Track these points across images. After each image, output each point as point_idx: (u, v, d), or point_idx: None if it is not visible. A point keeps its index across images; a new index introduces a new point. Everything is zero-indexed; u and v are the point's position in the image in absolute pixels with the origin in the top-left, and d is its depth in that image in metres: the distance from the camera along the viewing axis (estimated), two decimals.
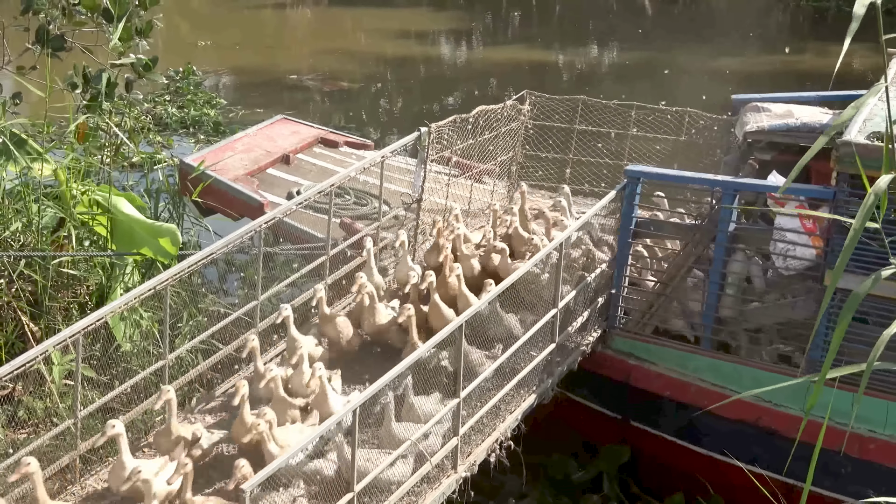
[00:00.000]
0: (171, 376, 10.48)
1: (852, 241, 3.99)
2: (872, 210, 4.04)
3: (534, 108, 15.21)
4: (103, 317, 9.57)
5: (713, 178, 12.29)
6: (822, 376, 4.12)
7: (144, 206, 14.84)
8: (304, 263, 12.59)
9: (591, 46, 38.10)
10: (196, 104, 25.99)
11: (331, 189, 12.23)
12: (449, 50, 37.91)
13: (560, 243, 11.08)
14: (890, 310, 9.38)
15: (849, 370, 4.26)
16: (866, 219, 3.96)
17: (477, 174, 14.53)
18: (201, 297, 13.51)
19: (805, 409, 11.24)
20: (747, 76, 29.77)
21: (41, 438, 9.29)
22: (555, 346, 11.29)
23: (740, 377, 11.62)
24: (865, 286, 4.01)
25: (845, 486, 10.99)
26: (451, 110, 25.36)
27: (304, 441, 8.32)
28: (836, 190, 10.80)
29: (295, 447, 8.23)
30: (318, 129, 18.73)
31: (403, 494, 9.27)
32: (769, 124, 13.29)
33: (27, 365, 8.85)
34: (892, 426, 10.97)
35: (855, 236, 3.98)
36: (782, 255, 11.65)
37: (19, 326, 12.51)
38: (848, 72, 30.70)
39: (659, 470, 12.45)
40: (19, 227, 13.34)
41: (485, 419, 10.37)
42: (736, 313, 12.01)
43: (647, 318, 12.37)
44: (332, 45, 35.50)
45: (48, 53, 14.96)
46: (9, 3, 15.06)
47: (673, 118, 15.00)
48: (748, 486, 8.42)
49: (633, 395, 12.39)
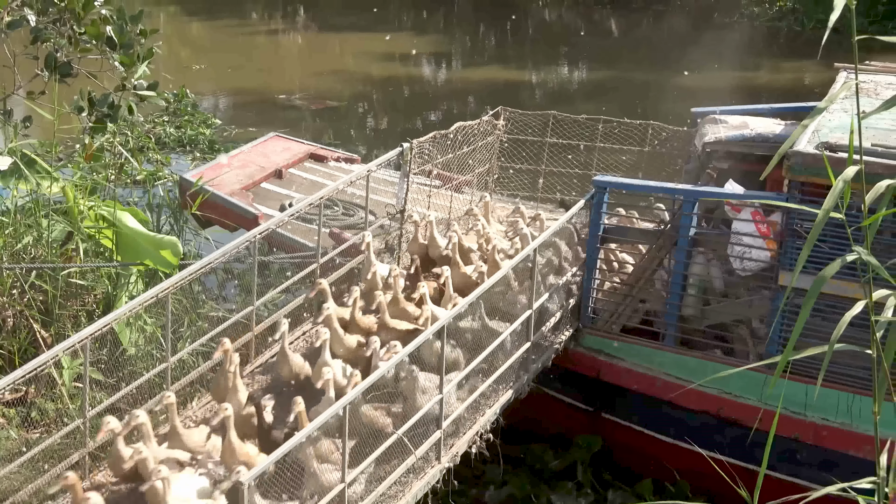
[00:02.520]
0: (174, 378, 10.47)
1: (817, 227, 3.98)
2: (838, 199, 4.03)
3: (508, 122, 15.22)
4: (109, 323, 9.55)
5: (674, 187, 12.33)
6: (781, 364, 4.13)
7: (147, 219, 14.84)
8: (297, 271, 12.59)
9: (561, 65, 38.16)
10: (192, 124, 25.96)
11: (320, 201, 12.23)
12: (430, 70, 37.92)
13: (534, 250, 11.10)
14: (836, 307, 9.40)
15: (809, 352, 4.27)
16: (831, 206, 3.95)
17: (456, 185, 14.55)
18: (201, 304, 13.52)
19: (762, 400, 11.34)
20: (706, 91, 29.85)
21: (53, 437, 9.27)
22: (530, 344, 11.31)
23: (703, 371, 11.64)
24: (832, 268, 4.01)
25: (801, 471, 11.03)
26: (433, 126, 25.34)
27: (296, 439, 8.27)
28: (787, 196, 10.84)
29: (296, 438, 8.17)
30: (308, 146, 18.73)
31: (391, 484, 9.28)
32: (726, 135, 13.32)
33: (39, 369, 8.82)
34: (844, 414, 11.01)
35: (820, 224, 3.97)
36: (739, 257, 11.69)
37: (31, 333, 12.49)
38: (799, 86, 30.84)
39: (629, 458, 12.47)
40: (30, 240, 13.33)
41: (466, 413, 10.38)
42: (697, 312, 12.05)
43: (616, 318, 12.38)
44: (322, 68, 35.49)
45: (56, 79, 14.92)
46: (19, 34, 15.00)
47: (637, 131, 15.03)
48: (711, 472, 8.45)
49: (604, 389, 12.41)
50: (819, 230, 3.96)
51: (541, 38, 42.37)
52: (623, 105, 26.86)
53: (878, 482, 4.20)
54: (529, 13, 46.09)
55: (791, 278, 10.95)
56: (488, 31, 44.22)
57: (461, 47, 41.81)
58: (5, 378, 8.68)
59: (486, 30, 44.31)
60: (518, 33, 43.89)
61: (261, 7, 48.46)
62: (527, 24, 44.97)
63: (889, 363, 4.24)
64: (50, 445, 9.20)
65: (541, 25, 44.87)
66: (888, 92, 12.39)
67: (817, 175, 10.55)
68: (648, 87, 31.98)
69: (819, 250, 10.50)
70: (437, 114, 30.86)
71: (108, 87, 15.69)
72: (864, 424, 10.94)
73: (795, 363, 10.91)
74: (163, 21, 40.05)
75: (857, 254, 4.03)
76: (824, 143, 10.66)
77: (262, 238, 11.57)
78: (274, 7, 48.52)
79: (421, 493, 9.64)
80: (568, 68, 37.90)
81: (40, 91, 15.25)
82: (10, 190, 13.80)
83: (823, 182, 10.47)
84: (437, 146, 13.63)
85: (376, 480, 9.14)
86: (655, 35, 41.97)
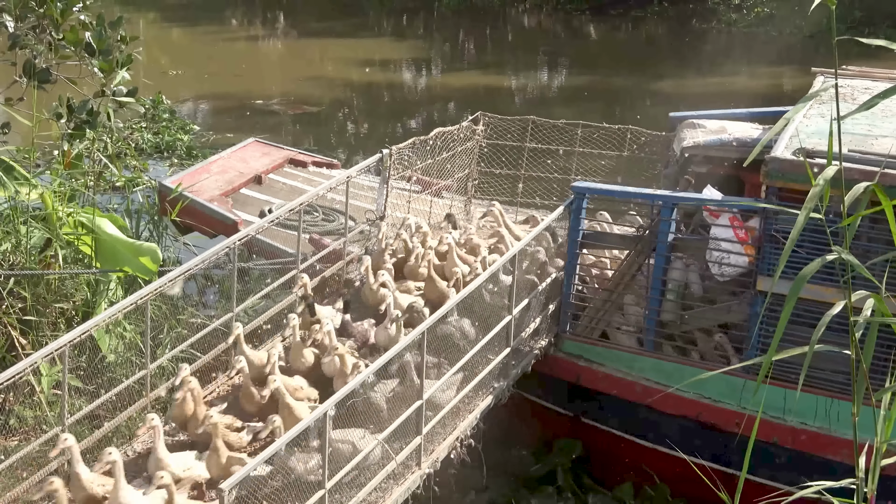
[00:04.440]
0: (153, 384, 10.42)
1: (798, 228, 3.97)
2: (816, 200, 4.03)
3: (487, 128, 15.23)
4: (88, 330, 9.51)
5: (653, 193, 12.34)
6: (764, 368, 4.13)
7: (126, 226, 14.76)
8: (277, 277, 12.56)
9: (541, 71, 38.25)
10: (170, 130, 25.87)
11: (300, 207, 12.21)
12: (410, 76, 37.94)
13: (513, 255, 11.10)
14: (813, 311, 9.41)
15: (791, 352, 4.27)
16: (812, 206, 3.94)
17: (436, 190, 14.55)
18: (181, 310, 13.45)
19: (740, 405, 11.37)
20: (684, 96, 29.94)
21: (31, 445, 9.21)
22: (510, 350, 11.30)
23: (682, 376, 11.65)
24: (812, 267, 4.00)
25: (779, 475, 11.05)
26: (413, 131, 25.36)
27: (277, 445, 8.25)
28: (764, 202, 10.86)
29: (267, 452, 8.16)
30: (287, 151, 18.72)
31: (371, 490, 9.25)
32: (704, 140, 13.36)
33: (17, 376, 8.77)
34: (822, 418, 11.04)
35: (801, 224, 3.97)
36: (718, 262, 11.71)
37: (9, 340, 12.41)
38: (777, 91, 30.97)
39: (609, 462, 12.47)
40: (9, 247, 13.26)
41: (446, 419, 10.37)
42: (676, 317, 12.06)
43: (595, 323, 12.38)
44: (301, 73, 35.45)
45: (34, 85, 14.85)
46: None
47: (616, 135, 15.05)
48: (691, 476, 8.45)
49: (584, 395, 12.41)
50: (800, 231, 3.96)
51: (520, 44, 42.46)
52: (602, 110, 26.89)
53: (858, 483, 4.21)
54: (509, 19, 46.16)
55: (769, 283, 10.98)
56: (468, 37, 44.27)
57: (441, 53, 41.86)
58: None
59: (465, 36, 44.36)
60: (497, 39, 43.96)
61: (240, 14, 48.40)
62: (506, 30, 45.05)
63: (868, 364, 4.24)
64: (28, 453, 9.14)
65: (520, 31, 44.95)
66: (864, 97, 12.43)
67: (795, 181, 10.58)
68: (627, 92, 32.07)
69: (796, 255, 10.52)
70: (416, 119, 30.88)
71: (87, 93, 15.63)
72: (841, 428, 10.98)
73: (774, 368, 10.96)
74: (142, 27, 39.92)
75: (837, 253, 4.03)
76: (801, 149, 10.69)
77: (241, 244, 11.54)
78: (254, 14, 48.47)
79: (401, 498, 9.62)
80: (547, 74, 38.00)
81: (18, 97, 15.18)
82: None
83: (801, 188, 10.50)
84: (417, 152, 13.64)
85: (357, 486, 9.11)
86: (634, 41, 42.12)
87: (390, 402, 9.63)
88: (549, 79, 37.44)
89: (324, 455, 8.42)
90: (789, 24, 38.22)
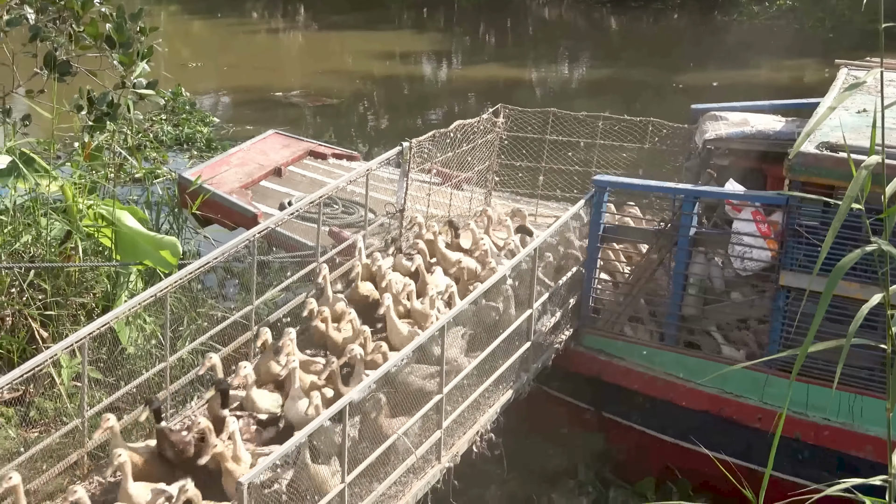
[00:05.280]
0: (173, 377, 10.42)
1: (840, 218, 3.89)
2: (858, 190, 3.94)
3: (508, 120, 15.17)
4: (108, 322, 9.51)
5: (674, 187, 12.27)
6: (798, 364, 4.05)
7: (146, 218, 14.79)
8: (297, 270, 12.55)
9: (561, 64, 38.12)
10: (190, 122, 25.89)
11: (320, 200, 12.18)
12: (430, 69, 37.89)
13: (534, 249, 11.05)
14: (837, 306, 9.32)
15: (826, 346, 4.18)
16: (854, 196, 3.87)
17: (456, 183, 14.51)
18: (201, 303, 13.46)
19: (762, 400, 11.29)
20: (706, 89, 29.81)
21: (51, 437, 9.23)
22: (530, 344, 11.26)
23: (703, 370, 11.59)
24: (849, 259, 3.92)
25: (802, 471, 10.98)
26: (434, 124, 25.32)
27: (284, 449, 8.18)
28: (788, 196, 10.78)
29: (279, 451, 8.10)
30: (307, 143, 18.68)
31: (391, 485, 9.22)
32: (727, 132, 13.28)
33: (37, 368, 8.79)
34: (845, 414, 10.96)
35: (841, 216, 3.89)
36: (740, 257, 11.63)
37: (30, 332, 12.44)
38: (799, 84, 30.80)
39: (630, 457, 12.41)
40: (29, 239, 13.28)
41: (466, 413, 10.33)
42: (698, 312, 11.99)
43: (616, 318, 12.33)
44: (322, 66, 35.43)
45: (55, 78, 14.89)
46: (18, 32, 14.96)
47: (637, 128, 14.98)
48: (712, 471, 8.40)
49: (605, 389, 12.35)
50: (841, 221, 3.87)
51: (541, 37, 42.33)
52: (623, 103, 26.79)
53: (891, 481, 4.13)
54: (529, 12, 46.05)
55: (792, 278, 10.90)
56: (488, 29, 44.18)
57: (461, 46, 41.78)
58: (4, 377, 8.64)
59: (486, 28, 44.27)
60: (518, 32, 43.87)
61: (261, 6, 48.44)
62: (527, 23, 44.94)
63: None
64: (48, 445, 9.15)
65: (541, 24, 44.83)
66: (890, 89, 12.33)
67: (818, 175, 10.49)
68: (648, 84, 31.93)
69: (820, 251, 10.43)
70: (437, 112, 30.83)
71: (107, 85, 15.66)
72: (865, 424, 10.89)
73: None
74: (163, 19, 39.97)
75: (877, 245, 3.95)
76: (825, 143, 10.60)
77: (261, 237, 11.52)
78: (274, 6, 48.50)
79: (421, 492, 9.59)
80: (568, 66, 37.88)
81: (39, 89, 15.22)
82: (9, 189, 13.73)
83: (824, 182, 10.42)
84: (437, 144, 13.60)
85: (376, 480, 9.08)
86: (655, 33, 41.94)
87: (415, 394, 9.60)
88: (569, 71, 37.33)
89: (343, 449, 8.38)
90: (811, 16, 38.01)
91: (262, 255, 12.74)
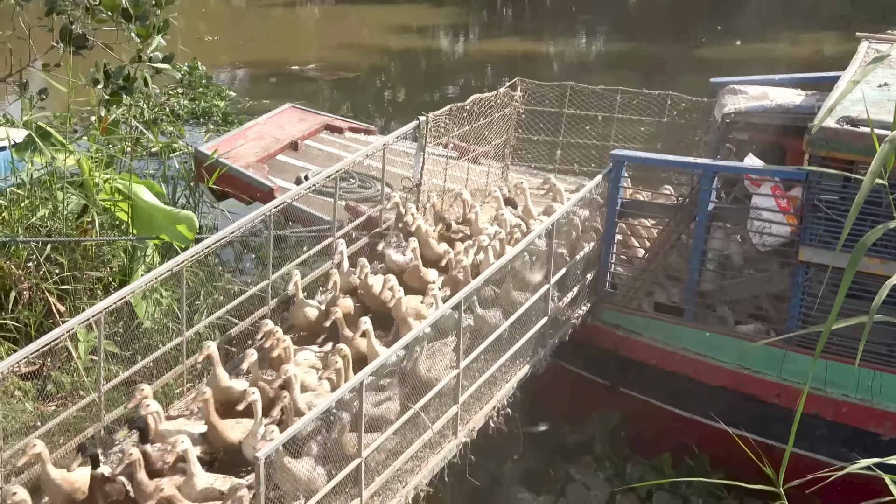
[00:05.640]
0: (190, 351, 10.42)
1: (863, 193, 3.82)
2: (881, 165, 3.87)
3: (525, 94, 15.10)
4: (125, 296, 9.50)
5: (693, 161, 12.19)
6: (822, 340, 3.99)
7: (163, 192, 14.78)
8: (313, 244, 12.53)
9: (579, 37, 37.93)
10: (206, 96, 25.85)
11: (336, 174, 12.14)
12: (447, 43, 37.75)
13: (551, 224, 10.99)
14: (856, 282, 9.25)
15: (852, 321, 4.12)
16: (878, 170, 3.80)
17: (473, 157, 14.45)
18: (217, 277, 13.46)
19: (781, 376, 11.24)
20: (725, 62, 29.61)
21: (68, 411, 9.24)
22: (547, 319, 11.22)
23: (721, 346, 11.54)
24: (874, 234, 3.85)
25: (820, 447, 10.93)
26: (451, 98, 25.23)
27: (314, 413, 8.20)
28: (808, 171, 10.70)
29: (306, 419, 8.12)
30: (324, 117, 18.63)
31: (407, 459, 9.22)
32: (746, 106, 13.18)
33: (54, 342, 8.79)
34: (864, 390, 10.90)
35: (864, 191, 3.82)
36: (759, 232, 11.56)
37: (47, 306, 12.46)
38: (819, 57, 30.58)
39: (647, 432, 12.38)
40: (46, 213, 13.30)
41: (483, 388, 10.31)
42: (716, 287, 11.93)
43: (634, 292, 12.28)
44: (338, 40, 35.33)
45: (71, 51, 14.86)
46: (36, 5, 14.92)
47: (656, 101, 14.89)
48: (729, 446, 8.36)
49: (622, 364, 12.32)
50: (865, 196, 3.80)
51: (558, 11, 42.08)
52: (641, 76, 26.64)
53: None
54: None
55: (811, 253, 10.83)
56: (506, 2, 43.94)
57: (478, 19, 41.59)
58: (21, 351, 8.65)
59: (503, 2, 44.04)
60: (535, 5, 43.60)
61: None
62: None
63: None
64: (65, 419, 9.17)
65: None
66: None
67: (838, 150, 10.41)
68: (667, 58, 31.73)
69: (841, 226, 10.41)
70: (454, 86, 30.70)
71: (123, 59, 15.63)
72: (884, 401, 10.84)
73: (814, 339, 10.83)
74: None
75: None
76: (845, 118, 10.51)
77: (277, 211, 11.50)
78: None
79: (438, 467, 9.59)
80: (586, 40, 37.69)
81: (56, 63, 15.19)
82: (26, 162, 13.75)
83: (844, 157, 10.33)
84: (454, 118, 13.54)
85: (393, 455, 9.08)
86: (674, 7, 41.63)
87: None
88: (587, 45, 37.17)
89: (359, 424, 8.37)
90: None
91: (279, 229, 12.72)
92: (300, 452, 8.25)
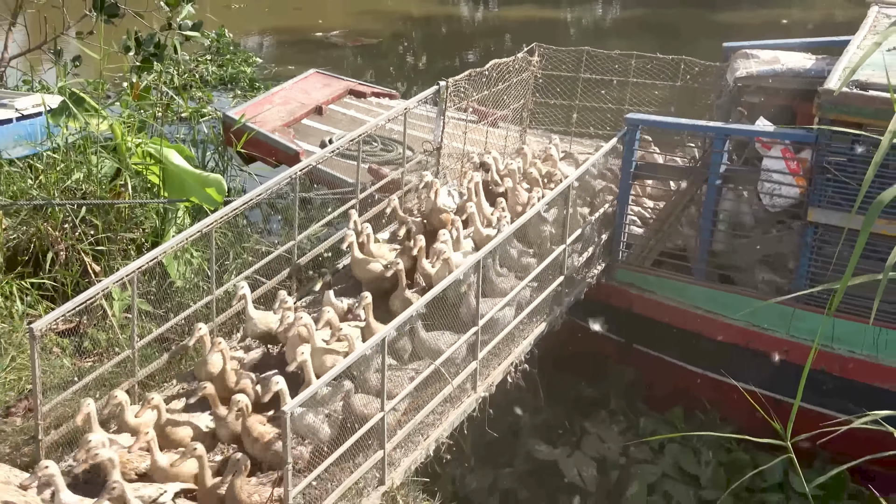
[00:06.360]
0: (220, 309, 10.49)
1: (881, 153, 3.81)
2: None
3: (542, 59, 15.06)
4: (157, 257, 9.57)
5: (705, 125, 12.16)
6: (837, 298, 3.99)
7: (192, 156, 14.83)
8: (338, 206, 12.57)
9: (595, 4, 37.68)
10: (233, 63, 25.86)
11: (360, 138, 12.16)
12: (468, 10, 37.59)
13: (567, 186, 10.99)
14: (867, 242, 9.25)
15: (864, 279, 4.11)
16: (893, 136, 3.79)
17: (492, 120, 14.45)
18: (246, 237, 13.53)
19: (789, 333, 11.25)
20: (738, 27, 29.42)
21: (104, 366, 9.33)
22: (563, 278, 11.25)
23: (733, 304, 11.56)
24: (889, 194, 3.84)
25: (826, 402, 10.96)
26: (470, 63, 25.15)
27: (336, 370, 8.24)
28: (817, 133, 10.66)
29: (330, 373, 8.16)
30: (347, 82, 18.63)
31: (428, 413, 9.29)
32: (757, 70, 13.11)
33: (90, 301, 8.86)
34: (870, 347, 10.92)
35: (882, 152, 3.79)
36: (769, 193, 11.53)
37: (83, 266, 12.55)
38: (830, 22, 30.32)
39: (660, 387, 12.43)
40: (81, 176, 13.36)
41: (501, 345, 10.36)
42: (727, 247, 11.93)
43: (647, 252, 12.29)
44: (361, 7, 35.20)
45: (104, 20, 14.89)
46: None
47: (669, 66, 14.83)
48: (739, 401, 8.40)
49: (636, 322, 12.35)
50: (882, 156, 3.79)
51: None
52: (656, 42, 26.49)
53: None
54: None
55: (820, 214, 10.82)
56: None
57: None
58: (58, 309, 8.72)
59: None
60: None
61: None
62: None
63: None
64: (101, 374, 9.27)
65: None
66: None
67: (848, 113, 10.36)
68: (681, 23, 31.54)
69: (849, 188, 10.41)
70: (473, 52, 30.61)
71: (154, 27, 15.66)
72: (890, 357, 10.85)
73: (821, 298, 10.84)
74: None
75: None
76: (855, 81, 10.45)
77: (303, 174, 11.53)
78: None
79: (457, 421, 9.66)
80: (602, 6, 37.44)
81: (89, 31, 15.25)
82: (61, 127, 13.80)
83: (854, 120, 10.29)
84: (473, 83, 13.53)
85: (414, 410, 9.15)
86: None
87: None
88: (603, 11, 36.92)
89: (382, 379, 8.42)
90: None
91: (304, 191, 12.77)
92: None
